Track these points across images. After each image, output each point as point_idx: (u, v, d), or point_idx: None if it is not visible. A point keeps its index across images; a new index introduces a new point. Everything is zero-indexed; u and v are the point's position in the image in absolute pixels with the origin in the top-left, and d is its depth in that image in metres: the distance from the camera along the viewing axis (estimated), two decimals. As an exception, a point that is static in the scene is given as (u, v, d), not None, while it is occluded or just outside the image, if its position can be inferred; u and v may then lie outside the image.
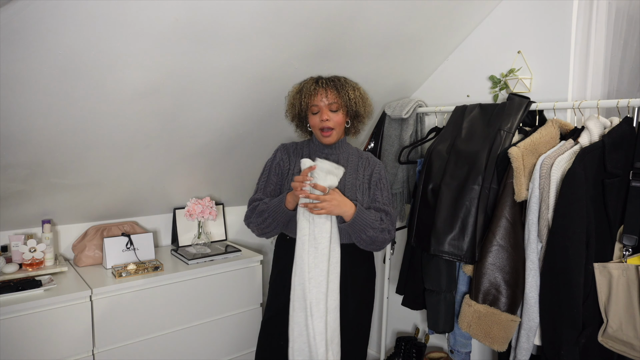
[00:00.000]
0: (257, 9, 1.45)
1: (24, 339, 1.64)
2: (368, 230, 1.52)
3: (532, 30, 1.89)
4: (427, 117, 2.32)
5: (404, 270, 2.02)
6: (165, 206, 2.41)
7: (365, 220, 1.52)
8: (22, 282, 1.75)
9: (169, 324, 1.99)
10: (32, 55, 1.28)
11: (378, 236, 1.55)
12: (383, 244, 1.58)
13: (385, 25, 1.79)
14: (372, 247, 1.59)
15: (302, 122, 1.71)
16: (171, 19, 1.36)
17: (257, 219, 1.62)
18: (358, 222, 1.52)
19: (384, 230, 1.57)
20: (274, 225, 1.60)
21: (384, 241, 1.58)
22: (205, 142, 2.04)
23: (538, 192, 1.54)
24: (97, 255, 2.10)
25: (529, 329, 1.57)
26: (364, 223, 1.52)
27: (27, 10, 1.15)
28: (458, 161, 1.76)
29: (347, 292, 1.62)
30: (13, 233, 2.02)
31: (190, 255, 2.17)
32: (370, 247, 1.58)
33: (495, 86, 2.01)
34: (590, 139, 1.52)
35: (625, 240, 1.38)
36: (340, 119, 1.62)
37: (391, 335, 2.67)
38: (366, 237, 1.54)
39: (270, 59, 1.71)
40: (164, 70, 1.55)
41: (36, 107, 1.46)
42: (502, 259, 1.60)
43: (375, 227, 1.54)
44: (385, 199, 1.63)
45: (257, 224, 1.63)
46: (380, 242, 1.56)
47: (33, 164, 1.70)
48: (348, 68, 1.93)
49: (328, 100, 1.59)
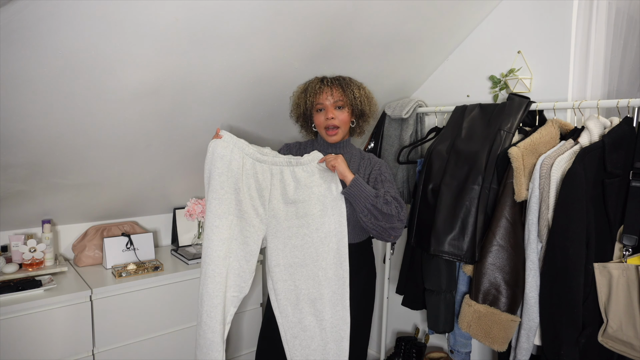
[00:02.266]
0: (257, 9, 1.45)
1: (24, 339, 1.64)
2: (370, 197, 1.46)
3: (532, 30, 1.89)
4: (427, 117, 2.32)
5: (404, 270, 2.02)
6: (165, 206, 2.41)
7: (364, 187, 1.49)
8: (22, 282, 1.75)
9: (169, 324, 1.99)
10: (32, 55, 1.28)
11: (383, 206, 1.45)
12: (392, 218, 1.46)
13: (385, 25, 1.79)
14: (384, 223, 1.47)
15: (307, 121, 1.72)
16: (171, 19, 1.36)
17: None
18: (356, 186, 1.49)
19: (389, 203, 1.46)
20: None
21: (391, 215, 1.45)
22: (205, 142, 2.01)
23: (538, 192, 1.54)
24: (97, 255, 2.10)
25: (529, 329, 1.57)
26: (362, 189, 1.48)
27: (27, 10, 1.15)
28: (458, 161, 1.76)
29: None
30: (13, 233, 2.02)
31: (190, 255, 2.17)
32: (381, 222, 1.47)
33: (495, 86, 2.01)
34: (590, 139, 1.52)
35: (625, 240, 1.38)
36: (345, 118, 1.62)
37: (391, 335, 2.67)
38: (370, 206, 1.45)
39: (270, 59, 1.71)
40: (164, 71, 1.55)
41: (36, 107, 1.46)
42: (502, 259, 1.60)
43: (379, 196, 1.47)
44: (387, 189, 1.56)
45: None
46: (387, 214, 1.45)
47: (33, 164, 1.70)
48: (348, 68, 1.93)
49: (333, 98, 1.60)
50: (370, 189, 1.50)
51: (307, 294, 1.58)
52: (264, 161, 1.61)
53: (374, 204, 1.46)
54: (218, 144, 1.56)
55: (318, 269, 1.56)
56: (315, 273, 1.56)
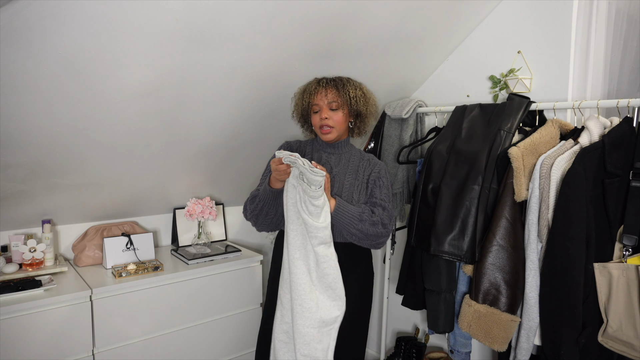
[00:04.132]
0: (257, 9, 1.45)
1: (24, 339, 1.64)
2: (355, 222, 1.50)
3: (532, 30, 1.89)
4: (427, 117, 2.32)
5: (404, 270, 2.02)
6: (165, 206, 2.41)
7: (346, 210, 1.50)
8: (22, 282, 1.75)
9: (169, 324, 1.99)
10: (32, 55, 1.28)
11: (369, 229, 1.50)
12: (378, 238, 1.54)
13: (385, 25, 1.79)
14: (368, 243, 1.55)
15: (306, 121, 1.74)
16: (171, 19, 1.36)
17: (250, 205, 1.65)
18: (340, 213, 1.50)
19: (376, 224, 1.52)
20: (266, 209, 1.61)
21: (378, 235, 1.53)
22: (205, 142, 2.04)
23: (538, 192, 1.54)
24: (97, 255, 2.10)
25: (529, 329, 1.57)
26: (347, 215, 1.50)
27: (27, 10, 1.15)
28: (458, 161, 1.76)
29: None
30: (13, 233, 2.02)
31: (190, 255, 2.17)
32: (365, 242, 1.54)
33: (495, 86, 2.01)
34: (590, 139, 1.52)
35: (625, 240, 1.38)
36: (340, 118, 1.62)
37: (391, 335, 2.67)
38: (356, 231, 1.51)
39: (270, 59, 1.71)
40: (163, 70, 1.55)
41: (36, 107, 1.46)
42: (502, 259, 1.60)
43: (364, 219, 1.51)
44: (383, 196, 1.61)
45: (251, 210, 1.65)
46: (373, 235, 1.52)
47: (33, 164, 1.70)
48: (348, 68, 1.93)
49: (328, 99, 1.61)
50: (353, 211, 1.51)
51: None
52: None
53: (360, 229, 1.51)
54: (291, 172, 1.48)
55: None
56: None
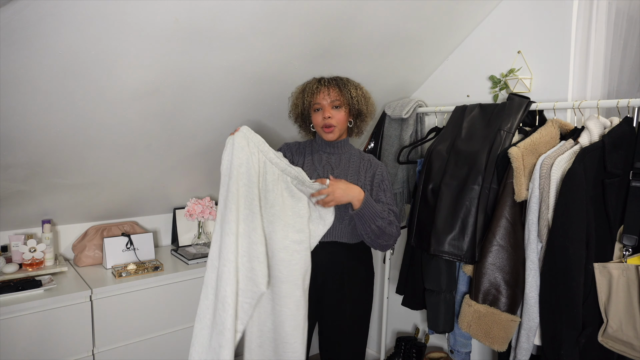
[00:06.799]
0: (257, 9, 1.45)
1: (24, 339, 1.64)
2: (377, 219, 1.50)
3: (532, 30, 1.89)
4: (427, 117, 2.32)
5: (404, 270, 2.02)
6: (165, 206, 2.41)
7: (374, 207, 1.51)
8: (22, 282, 1.75)
9: (169, 324, 1.99)
10: (32, 55, 1.28)
11: (386, 227, 1.52)
12: (390, 238, 1.55)
13: (385, 25, 1.79)
14: (381, 241, 1.54)
15: (305, 121, 1.72)
16: (171, 19, 1.36)
17: None
18: (368, 208, 1.49)
19: (392, 223, 1.54)
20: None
21: (391, 235, 1.55)
22: (205, 142, 2.04)
23: (538, 192, 1.54)
24: (97, 255, 2.10)
25: (529, 329, 1.57)
26: (373, 210, 1.50)
27: (27, 10, 1.15)
28: (458, 161, 1.76)
29: (344, 292, 1.62)
30: (13, 233, 2.02)
31: (190, 255, 2.17)
32: (379, 240, 1.54)
33: (495, 86, 2.01)
34: (590, 139, 1.52)
35: (625, 240, 1.38)
36: (342, 117, 1.62)
37: (391, 335, 2.67)
38: (375, 228, 1.50)
39: (270, 59, 1.71)
40: (164, 70, 1.55)
41: (36, 107, 1.46)
42: (502, 259, 1.60)
43: (384, 217, 1.52)
44: (388, 199, 1.62)
45: None
46: (388, 234, 1.53)
47: (33, 164, 1.70)
48: (348, 68, 1.93)
49: (330, 97, 1.60)
50: (377, 208, 1.52)
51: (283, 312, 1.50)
52: (276, 164, 1.55)
53: (379, 226, 1.51)
54: (237, 135, 1.51)
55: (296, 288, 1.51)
56: (293, 292, 1.51)
